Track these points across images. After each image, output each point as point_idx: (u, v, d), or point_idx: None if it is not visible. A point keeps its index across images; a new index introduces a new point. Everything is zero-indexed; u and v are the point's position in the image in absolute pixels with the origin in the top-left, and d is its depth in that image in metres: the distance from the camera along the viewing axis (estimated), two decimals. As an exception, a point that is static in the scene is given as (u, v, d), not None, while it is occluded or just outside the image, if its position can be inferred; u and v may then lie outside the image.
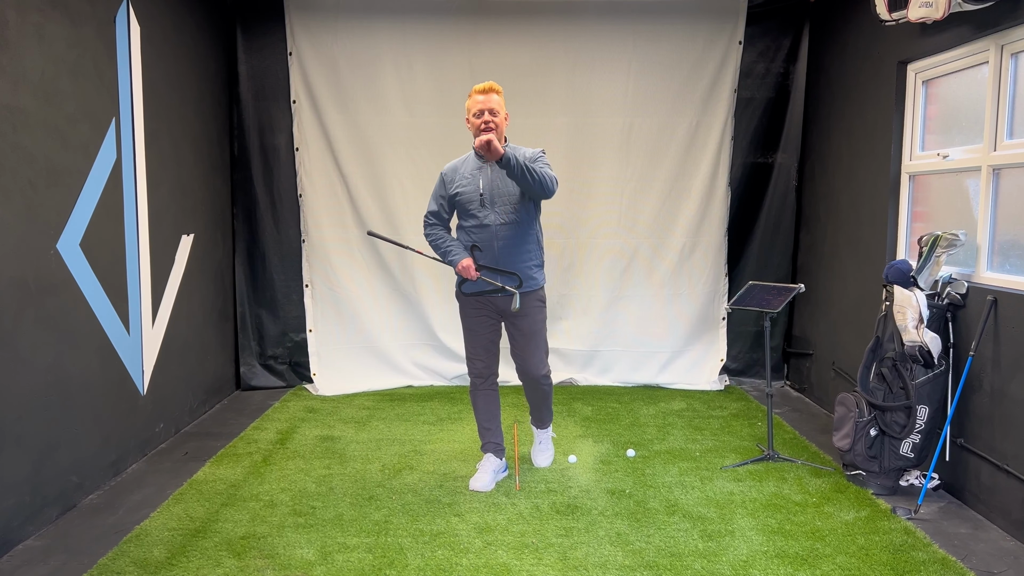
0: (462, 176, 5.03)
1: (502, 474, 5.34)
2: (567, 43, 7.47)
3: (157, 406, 5.94)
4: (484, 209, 4.95)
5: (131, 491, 5.05)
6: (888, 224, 5.94)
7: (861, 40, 6.44)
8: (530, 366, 5.16)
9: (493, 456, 5.30)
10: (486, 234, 4.96)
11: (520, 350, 5.16)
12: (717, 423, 6.57)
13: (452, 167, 5.13)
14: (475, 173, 5.00)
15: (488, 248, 4.97)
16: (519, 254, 4.98)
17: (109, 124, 5.26)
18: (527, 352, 5.14)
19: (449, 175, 5.10)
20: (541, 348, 5.18)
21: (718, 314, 7.92)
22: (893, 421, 4.98)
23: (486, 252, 4.97)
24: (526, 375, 5.23)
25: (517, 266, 4.98)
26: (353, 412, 6.86)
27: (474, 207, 4.97)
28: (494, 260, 4.97)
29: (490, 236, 4.95)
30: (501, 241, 4.94)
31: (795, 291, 5.73)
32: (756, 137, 7.70)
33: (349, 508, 4.77)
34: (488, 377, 5.25)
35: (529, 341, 5.12)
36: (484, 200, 4.94)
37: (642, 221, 7.71)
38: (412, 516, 4.64)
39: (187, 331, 6.50)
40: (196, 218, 6.68)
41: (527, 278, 5.01)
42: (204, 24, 6.83)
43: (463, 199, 5.00)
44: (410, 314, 7.82)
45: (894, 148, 5.90)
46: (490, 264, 4.98)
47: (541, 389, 5.31)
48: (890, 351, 5.05)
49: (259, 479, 5.25)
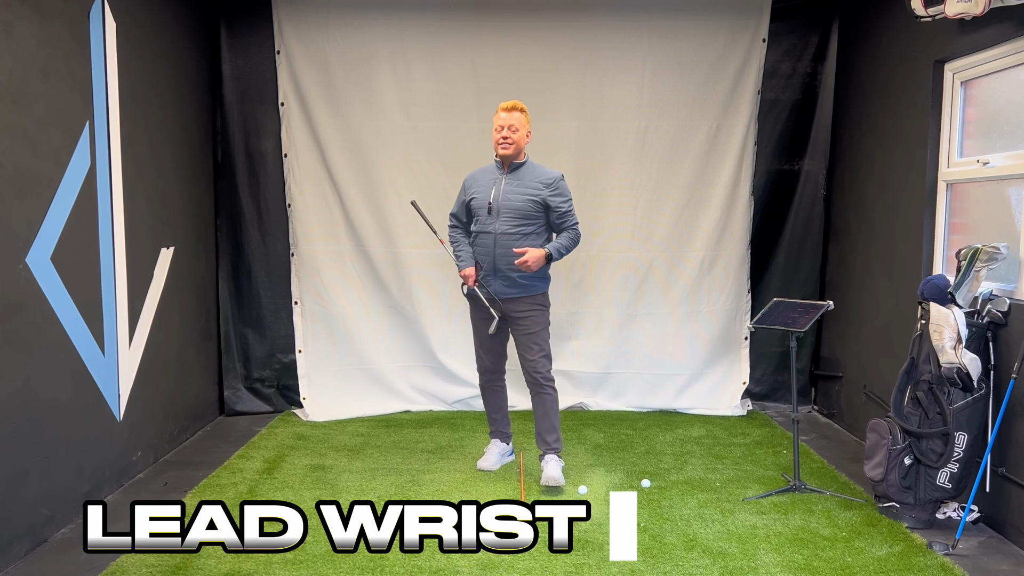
0: (478, 183, 5.88)
1: (508, 457, 6.29)
2: (577, 41, 7.50)
3: (134, 433, 5.96)
4: (490, 217, 5.75)
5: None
6: (924, 236, 5.97)
7: (895, 38, 6.47)
8: (528, 364, 5.85)
9: (499, 441, 6.25)
10: (487, 240, 5.76)
11: (520, 348, 5.91)
12: (739, 451, 6.58)
13: (473, 174, 5.99)
14: (489, 182, 5.82)
15: (486, 255, 5.78)
16: (515, 265, 5.64)
17: (83, 128, 5.28)
18: (525, 351, 5.87)
19: (469, 181, 5.97)
20: (540, 350, 5.85)
21: (740, 333, 7.93)
22: (929, 449, 4.99)
23: (485, 258, 5.80)
24: (526, 374, 5.91)
25: (512, 274, 5.72)
26: (346, 439, 6.87)
27: (482, 214, 5.80)
28: (491, 266, 5.77)
29: (491, 243, 5.74)
30: (500, 249, 5.71)
31: (823, 308, 5.74)
32: (781, 142, 7.73)
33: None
34: (494, 374, 6.17)
35: (528, 340, 5.84)
36: (492, 209, 5.74)
37: (658, 233, 7.73)
38: (410, 551, 4.63)
39: (167, 352, 6.52)
40: (176, 230, 6.71)
41: (522, 285, 5.78)
42: (185, 20, 6.88)
43: (475, 205, 5.86)
44: (408, 334, 7.84)
45: (930, 154, 5.93)
46: (487, 270, 5.80)
47: (543, 395, 5.88)
48: (926, 373, 5.06)
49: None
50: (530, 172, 5.78)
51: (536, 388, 5.86)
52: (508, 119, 5.68)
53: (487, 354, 6.08)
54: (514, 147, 5.70)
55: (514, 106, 5.72)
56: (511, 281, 5.73)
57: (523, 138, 5.75)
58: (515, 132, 5.69)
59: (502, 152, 5.71)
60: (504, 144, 5.68)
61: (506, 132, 5.67)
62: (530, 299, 5.79)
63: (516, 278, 5.72)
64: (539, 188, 5.70)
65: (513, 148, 5.70)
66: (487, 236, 5.75)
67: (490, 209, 5.73)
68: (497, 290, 5.76)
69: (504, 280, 5.74)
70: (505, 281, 5.74)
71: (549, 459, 5.85)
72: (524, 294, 5.77)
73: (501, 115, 5.71)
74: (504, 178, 5.76)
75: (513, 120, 5.69)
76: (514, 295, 5.76)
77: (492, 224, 5.73)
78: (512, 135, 5.68)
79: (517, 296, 5.77)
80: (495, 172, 5.83)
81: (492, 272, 5.76)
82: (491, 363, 6.11)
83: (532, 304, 5.80)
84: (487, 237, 5.75)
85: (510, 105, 5.71)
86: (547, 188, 5.71)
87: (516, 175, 5.75)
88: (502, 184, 5.74)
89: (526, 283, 5.75)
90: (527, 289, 5.77)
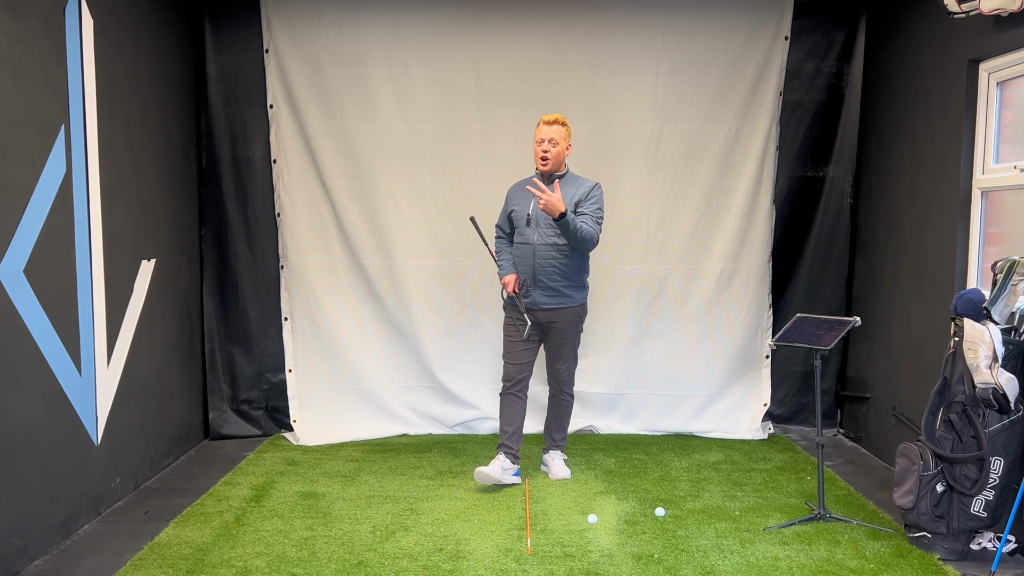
0: (519, 195, 6.40)
1: (513, 477, 6.42)
2: (587, 38, 7.53)
3: (113, 458, 5.98)
4: (529, 228, 6.27)
5: (83, 556, 5.09)
6: (957, 248, 5.98)
7: (926, 35, 6.50)
8: (556, 372, 6.51)
9: (506, 457, 6.41)
10: (527, 251, 6.27)
11: (551, 356, 6.50)
12: (760, 477, 6.59)
13: (517, 185, 6.53)
14: (529, 193, 6.19)
15: (526, 265, 6.28)
16: (555, 274, 6.22)
17: (57, 132, 5.30)
18: (556, 360, 6.48)
19: (511, 193, 6.53)
20: (568, 360, 6.48)
21: (761, 351, 7.96)
22: (963, 475, 5.00)
23: (524, 269, 6.30)
24: (551, 380, 6.58)
25: (551, 284, 6.23)
26: (339, 465, 6.89)
27: (521, 225, 6.33)
28: (531, 276, 6.25)
29: (530, 254, 6.26)
30: (539, 260, 6.22)
31: (850, 325, 5.77)
32: (805, 147, 7.76)
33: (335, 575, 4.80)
34: (517, 382, 6.45)
35: (559, 351, 6.44)
36: (531, 220, 6.25)
37: (673, 244, 7.75)
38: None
39: (148, 371, 6.54)
40: (158, 241, 6.74)
41: (562, 295, 6.28)
42: (168, 17, 6.92)
43: (515, 216, 6.38)
44: (405, 352, 7.85)
45: (964, 160, 5.95)
46: (528, 278, 6.28)
47: (562, 400, 6.62)
48: (959, 394, 5.07)
49: (231, 542, 5.29)
50: (570, 184, 6.25)
51: (557, 393, 6.58)
52: (548, 132, 6.14)
53: (514, 364, 6.43)
54: (552, 162, 6.17)
55: (556, 119, 6.16)
56: (552, 291, 6.24)
57: (563, 151, 6.21)
58: (555, 146, 6.15)
59: (541, 167, 6.20)
60: (542, 158, 6.17)
61: (546, 146, 6.14)
62: (569, 311, 6.33)
63: (557, 287, 6.23)
64: (577, 197, 6.17)
65: (552, 163, 6.18)
66: (526, 247, 6.27)
67: (528, 220, 6.24)
68: (537, 300, 6.27)
69: (544, 290, 6.25)
70: (546, 291, 6.25)
71: (555, 456, 6.66)
72: (564, 304, 6.29)
73: (542, 128, 6.16)
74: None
75: (553, 133, 6.14)
76: (554, 305, 6.28)
77: (531, 235, 6.24)
78: (552, 148, 6.15)
79: (557, 307, 6.28)
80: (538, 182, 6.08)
81: (532, 282, 6.25)
82: (519, 370, 6.44)
83: (571, 316, 6.35)
84: (526, 248, 6.27)
85: (552, 118, 6.16)
86: (584, 193, 6.18)
87: (555, 187, 6.02)
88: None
89: (567, 293, 6.28)
90: (567, 300, 6.29)
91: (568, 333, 6.38)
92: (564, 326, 6.33)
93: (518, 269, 6.34)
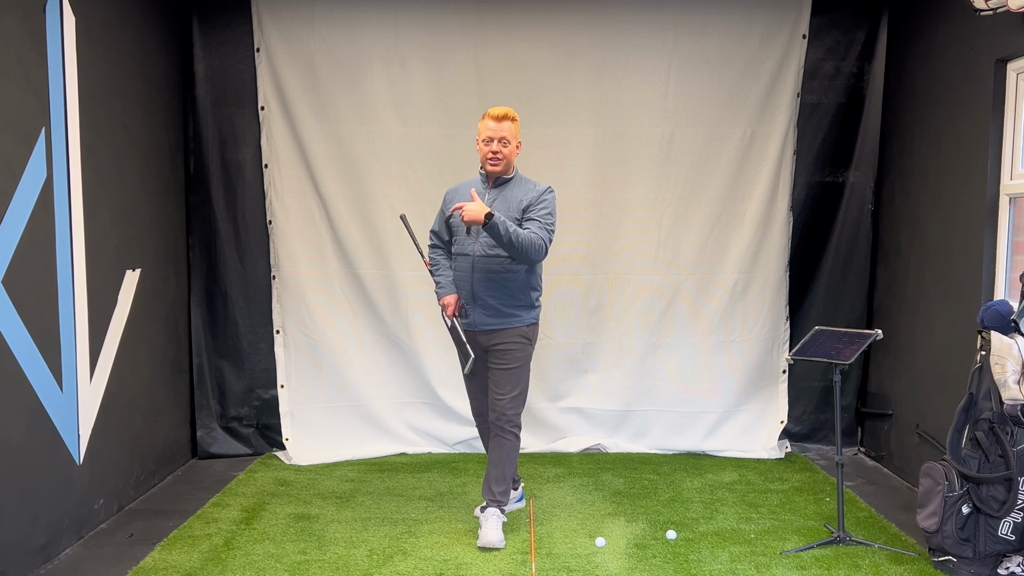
0: (460, 198, 5.72)
1: (517, 502, 6.31)
2: (594, 36, 7.55)
3: (96, 478, 5.98)
4: (468, 238, 5.71)
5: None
6: (984, 257, 6.00)
7: (951, 33, 6.52)
8: (496, 402, 5.76)
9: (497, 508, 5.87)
10: (465, 263, 5.74)
11: (492, 384, 5.80)
12: (776, 498, 6.60)
13: (456, 188, 5.94)
14: (471, 197, 5.51)
15: (464, 280, 5.74)
16: (499, 292, 5.68)
17: (38, 136, 5.30)
18: (496, 387, 5.77)
19: (450, 195, 5.92)
20: (513, 389, 5.76)
21: (778, 366, 7.96)
22: (990, 496, 5.00)
23: (462, 283, 5.75)
24: (495, 415, 5.77)
25: (492, 303, 5.68)
26: (334, 485, 6.90)
27: (460, 234, 5.77)
28: (469, 293, 5.72)
29: (468, 266, 5.72)
30: (479, 273, 5.67)
31: (871, 338, 5.77)
32: (824, 151, 7.76)
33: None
34: (486, 416, 5.96)
35: (502, 377, 5.75)
36: (470, 228, 5.60)
37: (685, 253, 7.76)
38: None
39: (132, 387, 6.55)
40: (143, 249, 6.75)
41: (504, 315, 5.71)
42: (153, 15, 6.94)
43: (454, 223, 5.82)
44: (403, 366, 7.86)
45: (991, 165, 5.96)
46: (466, 299, 5.74)
47: (503, 440, 5.78)
48: (986, 411, 5.07)
49: (220, 567, 5.30)
50: (518, 188, 5.75)
51: (498, 430, 5.78)
52: (499, 130, 5.60)
53: (477, 398, 6.08)
54: (503, 163, 5.66)
55: (505, 114, 5.63)
56: (493, 310, 5.70)
57: (513, 151, 5.70)
58: (506, 145, 5.62)
59: (491, 169, 5.67)
60: (493, 160, 5.63)
61: (496, 146, 5.61)
62: (513, 331, 5.73)
63: (498, 306, 5.68)
64: (522, 202, 5.66)
65: (503, 165, 5.66)
66: (465, 259, 5.73)
67: (468, 228, 5.61)
68: (478, 320, 5.74)
69: (485, 309, 5.71)
70: (486, 310, 5.71)
71: (490, 515, 5.71)
72: (506, 325, 5.72)
73: (489, 124, 5.62)
74: (488, 193, 5.73)
75: (504, 131, 5.60)
76: (495, 326, 5.72)
77: (471, 245, 5.68)
78: (502, 149, 5.61)
79: (498, 328, 5.72)
80: (478, 187, 5.76)
81: (471, 299, 5.73)
82: (482, 405, 6.04)
83: (515, 336, 5.74)
84: (465, 260, 5.73)
85: (500, 113, 5.63)
86: (533, 197, 5.66)
87: (502, 191, 5.73)
88: (485, 200, 5.65)
89: (509, 313, 5.71)
90: (510, 320, 5.72)
91: (512, 356, 5.71)
92: (507, 347, 5.71)
93: (456, 284, 5.80)
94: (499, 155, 5.60)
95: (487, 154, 5.62)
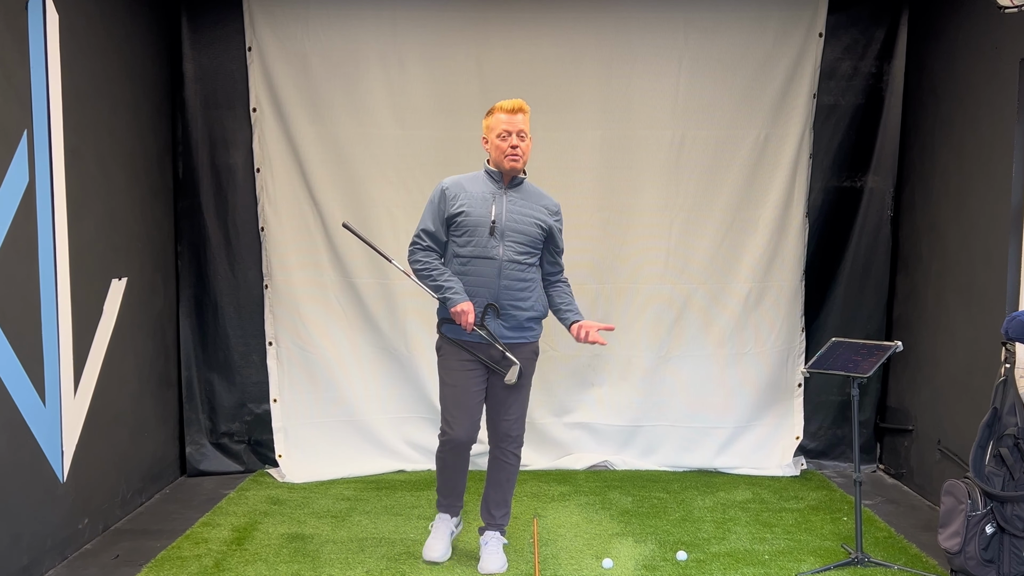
0: (471, 196, 5.47)
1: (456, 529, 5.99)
2: (600, 35, 7.56)
3: (80, 496, 5.98)
4: (493, 239, 5.40)
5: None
6: (1008, 265, 6.00)
7: (974, 32, 6.53)
8: (505, 424, 5.60)
9: (450, 516, 5.89)
10: (490, 268, 5.39)
11: (499, 405, 5.60)
12: (791, 518, 6.60)
13: (457, 182, 5.55)
14: (485, 196, 5.46)
15: (487, 286, 5.40)
16: (522, 300, 5.46)
17: (19, 139, 5.30)
18: (505, 409, 5.58)
19: (453, 190, 5.51)
20: (521, 408, 5.65)
21: (793, 379, 7.96)
22: (1015, 515, 5.01)
23: (482, 289, 5.39)
24: (499, 436, 5.64)
25: (516, 313, 5.44)
26: (329, 504, 6.90)
27: (480, 235, 5.41)
28: (493, 300, 5.40)
29: (494, 271, 5.39)
30: (506, 280, 5.40)
31: (890, 350, 5.78)
32: (841, 155, 7.77)
33: (323, 627, 4.81)
34: (468, 446, 5.63)
35: (514, 397, 5.56)
36: (495, 229, 5.39)
37: (696, 261, 7.77)
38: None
39: (119, 401, 6.55)
40: (130, 258, 6.77)
41: (524, 328, 5.51)
42: (141, 13, 6.95)
43: (469, 222, 5.43)
44: (402, 379, 7.86)
45: (1016, 169, 5.97)
46: (484, 305, 5.39)
47: (507, 463, 5.68)
48: (1011, 426, 5.08)
49: (208, 589, 5.29)
50: (534, 192, 5.60)
51: (500, 452, 5.67)
52: (516, 123, 5.34)
53: (467, 418, 5.52)
54: (523, 159, 5.41)
55: (520, 107, 5.37)
56: (514, 322, 5.46)
57: (530, 146, 5.46)
58: (524, 140, 5.37)
59: (511, 166, 5.38)
60: (513, 156, 5.34)
61: (515, 140, 5.32)
62: (527, 347, 5.55)
63: (520, 318, 5.45)
64: (545, 213, 5.52)
65: (523, 160, 5.41)
66: (488, 263, 5.38)
67: (493, 229, 5.37)
68: (496, 333, 5.44)
69: (506, 320, 5.43)
70: (507, 322, 5.44)
71: (491, 539, 5.69)
72: (523, 340, 5.52)
73: (501, 116, 5.36)
74: (505, 196, 5.46)
75: (521, 124, 5.35)
76: (515, 340, 5.48)
77: (496, 248, 5.38)
78: (521, 144, 5.35)
79: (518, 342, 5.49)
80: (489, 185, 5.51)
81: (492, 309, 5.42)
82: (468, 431, 5.52)
83: (527, 353, 5.56)
84: (488, 264, 5.38)
85: (515, 105, 5.37)
86: (552, 216, 5.56)
87: (519, 192, 5.52)
88: (504, 201, 5.44)
89: (527, 326, 5.53)
90: (526, 334, 5.54)
91: (526, 375, 5.54)
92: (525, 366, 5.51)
93: (470, 292, 5.37)
94: (518, 150, 5.33)
95: (506, 150, 5.32)
